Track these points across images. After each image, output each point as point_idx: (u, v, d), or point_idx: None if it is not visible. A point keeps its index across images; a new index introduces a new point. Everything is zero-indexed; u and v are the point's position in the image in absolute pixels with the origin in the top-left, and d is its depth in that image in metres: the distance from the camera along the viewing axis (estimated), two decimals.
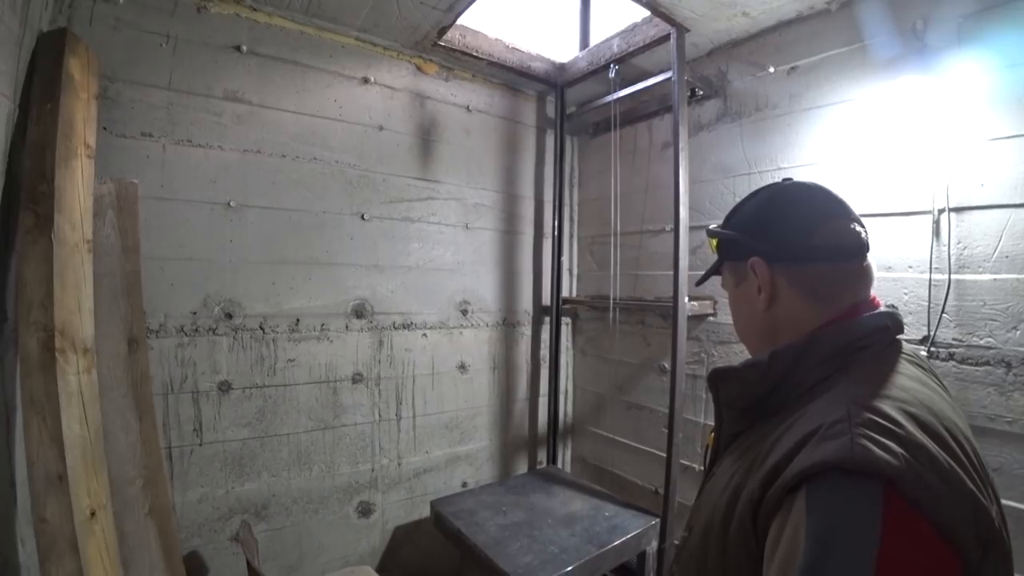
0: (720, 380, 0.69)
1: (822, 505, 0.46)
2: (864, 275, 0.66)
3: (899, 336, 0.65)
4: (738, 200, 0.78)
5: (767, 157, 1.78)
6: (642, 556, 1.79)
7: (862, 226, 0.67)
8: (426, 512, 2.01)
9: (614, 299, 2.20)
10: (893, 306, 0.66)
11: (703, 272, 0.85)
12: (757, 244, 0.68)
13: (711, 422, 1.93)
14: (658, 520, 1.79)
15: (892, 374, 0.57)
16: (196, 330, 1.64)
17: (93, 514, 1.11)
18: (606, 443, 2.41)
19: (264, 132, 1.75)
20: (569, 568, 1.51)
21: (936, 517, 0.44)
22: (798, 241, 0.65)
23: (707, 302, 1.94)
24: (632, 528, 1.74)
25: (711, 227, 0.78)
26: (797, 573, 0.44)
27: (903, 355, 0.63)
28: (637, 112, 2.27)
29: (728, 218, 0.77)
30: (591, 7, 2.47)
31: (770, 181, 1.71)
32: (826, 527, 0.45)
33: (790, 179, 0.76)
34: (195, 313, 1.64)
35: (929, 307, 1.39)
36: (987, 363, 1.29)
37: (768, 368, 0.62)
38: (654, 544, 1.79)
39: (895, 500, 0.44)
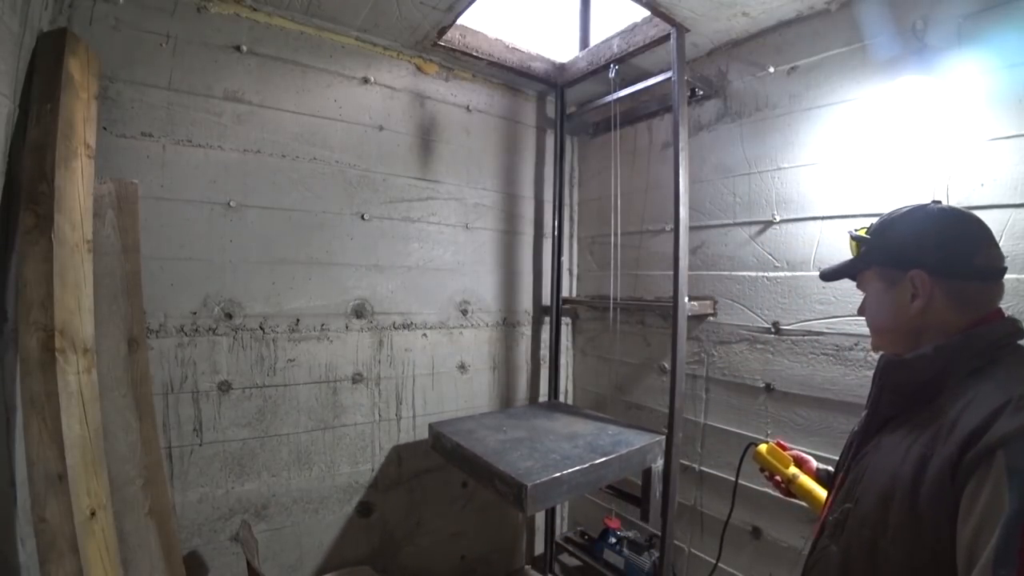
0: (891, 368, 0.80)
1: None
2: (1001, 291, 0.78)
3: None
4: (736, 198, 0.81)
5: (767, 157, 1.77)
6: (647, 473, 1.75)
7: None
8: (427, 513, 2.02)
9: (614, 299, 2.20)
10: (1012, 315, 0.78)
11: (834, 266, 0.92)
12: (922, 258, 0.77)
13: (711, 422, 1.94)
14: (663, 437, 1.74)
15: None
16: (196, 330, 1.64)
17: (93, 514, 1.11)
18: None
19: (264, 132, 1.75)
20: (572, 469, 1.45)
21: None
22: (963, 261, 0.75)
23: (707, 302, 1.94)
24: (637, 442, 1.70)
25: (857, 231, 0.86)
26: (1005, 520, 0.53)
27: None
28: (637, 112, 2.27)
29: (882, 229, 0.85)
30: (591, 7, 2.46)
31: (771, 181, 1.74)
32: None
33: (939, 202, 0.83)
34: (195, 313, 1.64)
35: None
36: None
37: (932, 358, 0.73)
38: (660, 462, 1.74)
39: None
